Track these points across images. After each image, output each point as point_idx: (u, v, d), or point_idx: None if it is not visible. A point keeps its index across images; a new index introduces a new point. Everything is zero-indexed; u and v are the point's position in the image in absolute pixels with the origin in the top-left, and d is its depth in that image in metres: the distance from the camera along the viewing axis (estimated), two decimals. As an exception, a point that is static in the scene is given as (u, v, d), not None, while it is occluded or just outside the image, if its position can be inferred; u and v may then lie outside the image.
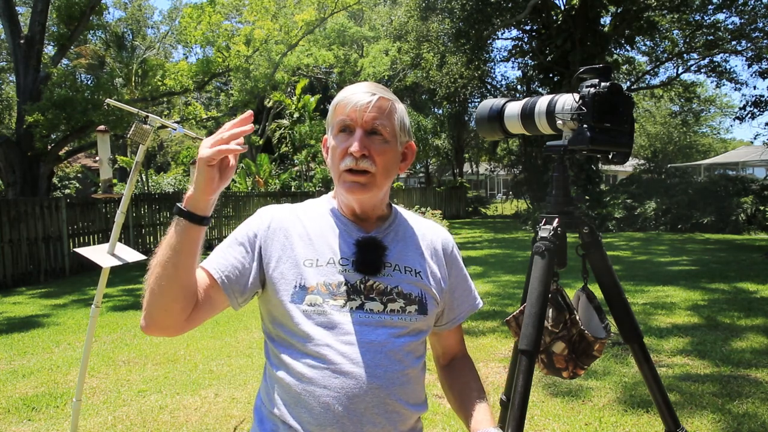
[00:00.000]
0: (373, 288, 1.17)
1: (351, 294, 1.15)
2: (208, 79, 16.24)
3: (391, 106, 1.19)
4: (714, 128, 40.78)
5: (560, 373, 1.54)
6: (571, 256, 1.51)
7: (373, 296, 1.17)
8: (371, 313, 1.15)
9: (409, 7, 21.96)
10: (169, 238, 1.04)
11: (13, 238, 9.27)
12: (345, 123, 1.16)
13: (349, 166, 1.15)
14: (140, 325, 1.09)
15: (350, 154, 1.14)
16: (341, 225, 1.23)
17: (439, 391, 3.82)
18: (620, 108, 1.40)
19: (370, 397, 1.11)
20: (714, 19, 18.93)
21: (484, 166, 33.41)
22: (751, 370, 3.98)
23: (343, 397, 1.10)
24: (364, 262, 1.18)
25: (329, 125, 1.22)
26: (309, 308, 1.14)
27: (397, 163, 1.22)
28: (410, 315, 1.18)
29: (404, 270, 1.21)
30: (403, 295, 1.18)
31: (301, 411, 1.12)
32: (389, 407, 1.13)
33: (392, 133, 1.18)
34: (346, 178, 1.16)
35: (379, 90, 1.18)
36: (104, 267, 2.56)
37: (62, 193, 21.88)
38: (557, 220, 1.48)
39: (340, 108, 1.17)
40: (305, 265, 1.17)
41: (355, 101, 1.14)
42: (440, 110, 24.98)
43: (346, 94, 1.17)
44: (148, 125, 2.47)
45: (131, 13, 34.82)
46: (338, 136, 1.17)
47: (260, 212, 1.26)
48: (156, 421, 3.47)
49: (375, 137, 1.16)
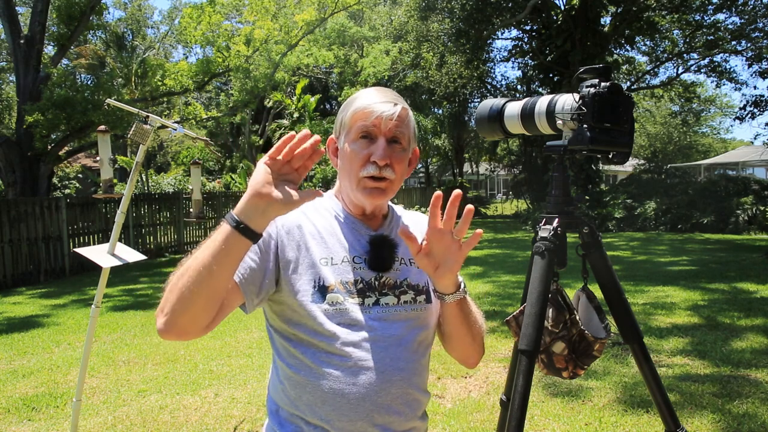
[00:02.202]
0: (385, 284, 1.21)
1: (367, 291, 1.19)
2: (208, 79, 16.24)
3: (409, 115, 1.23)
4: (714, 128, 40.82)
5: (560, 373, 1.54)
6: (571, 256, 1.51)
7: (386, 291, 1.20)
8: (387, 307, 1.19)
9: (409, 7, 21.97)
10: (214, 247, 0.99)
11: (13, 238, 9.28)
12: (368, 130, 1.18)
13: (372, 174, 1.17)
14: (158, 328, 1.04)
15: (373, 162, 1.17)
16: (351, 223, 1.26)
17: (438, 391, 3.82)
18: (620, 108, 1.40)
19: (396, 389, 1.16)
20: (714, 19, 18.94)
21: (484, 166, 33.42)
22: (751, 370, 3.98)
23: (371, 392, 1.14)
24: (378, 259, 1.21)
25: (344, 128, 1.22)
26: (330, 307, 1.15)
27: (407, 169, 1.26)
28: (420, 304, 1.23)
29: (409, 262, 1.25)
30: (412, 287, 1.23)
31: (328, 409, 1.13)
32: (410, 396, 1.19)
33: (408, 141, 1.22)
34: (368, 184, 1.18)
35: (398, 99, 1.22)
36: (104, 267, 2.56)
37: (62, 193, 21.88)
38: (557, 220, 1.48)
39: (362, 114, 1.18)
40: (322, 264, 1.18)
41: (380, 110, 1.17)
42: (440, 110, 24.98)
43: (369, 101, 1.19)
44: (148, 125, 2.48)
45: (131, 13, 34.80)
46: (358, 141, 1.19)
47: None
48: (156, 421, 3.47)
49: (395, 146, 1.19)
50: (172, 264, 11.50)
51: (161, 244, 12.97)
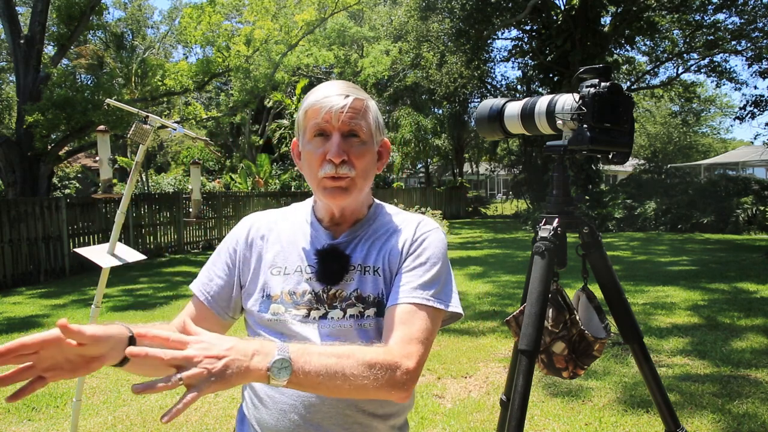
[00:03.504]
0: (336, 296, 1.14)
1: (315, 303, 1.14)
2: (208, 79, 16.24)
3: (366, 105, 1.14)
4: (714, 128, 40.82)
5: (560, 373, 1.54)
6: (571, 256, 1.51)
7: (335, 304, 1.14)
8: (332, 321, 1.12)
9: (409, 7, 21.98)
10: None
11: (13, 238, 9.27)
12: (320, 127, 1.11)
13: (329, 173, 1.10)
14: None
15: (329, 160, 1.10)
16: (313, 231, 1.22)
17: (438, 391, 3.82)
18: (620, 108, 1.40)
19: (327, 408, 1.09)
20: (714, 19, 18.95)
21: (484, 166, 33.39)
22: (751, 370, 3.98)
23: (299, 405, 1.10)
24: (324, 272, 1.15)
25: (300, 129, 1.17)
26: (273, 317, 1.14)
27: (375, 163, 1.19)
28: (368, 319, 1.13)
29: (365, 270, 1.16)
30: (361, 299, 1.14)
31: (263, 414, 1.14)
32: (350, 419, 1.11)
33: (369, 133, 1.14)
34: (327, 185, 1.12)
35: (352, 90, 1.14)
36: (104, 267, 2.56)
37: (62, 193, 21.88)
38: (557, 220, 1.48)
39: (313, 111, 1.12)
40: (272, 273, 1.18)
41: (329, 104, 1.09)
42: (440, 110, 24.98)
43: (318, 96, 1.12)
44: (148, 125, 2.48)
45: (131, 13, 34.79)
46: (313, 141, 1.13)
47: (243, 222, 1.28)
48: (156, 421, 3.47)
49: (352, 139, 1.12)
50: (171, 264, 11.54)
51: (161, 244, 12.98)
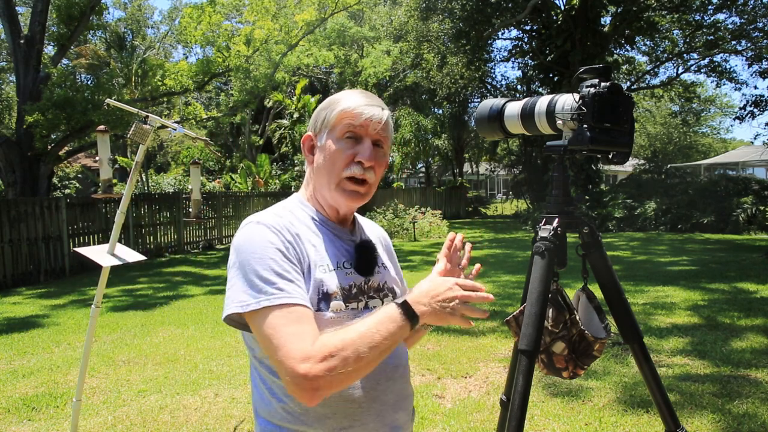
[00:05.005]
0: (371, 287, 1.23)
1: (359, 295, 1.20)
2: (208, 79, 16.24)
3: (391, 122, 1.24)
4: (714, 128, 40.84)
5: (560, 373, 1.54)
6: (571, 256, 1.51)
7: (372, 294, 1.22)
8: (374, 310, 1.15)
9: (409, 7, 21.97)
10: (395, 338, 1.06)
11: (13, 238, 9.28)
12: (355, 130, 1.17)
13: (355, 174, 1.17)
14: (308, 376, 0.99)
15: (359, 162, 1.17)
16: (332, 229, 1.24)
17: (438, 391, 3.82)
18: (620, 108, 1.40)
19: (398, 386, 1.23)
20: (714, 19, 18.96)
21: (484, 166, 33.41)
22: (751, 370, 3.98)
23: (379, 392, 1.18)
24: (364, 264, 1.23)
25: (327, 126, 1.19)
26: (334, 315, 1.13)
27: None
28: None
29: (383, 266, 1.30)
30: (390, 290, 1.28)
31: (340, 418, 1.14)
32: (406, 391, 1.27)
33: (389, 146, 1.25)
34: (348, 186, 1.18)
35: (384, 105, 1.24)
36: (104, 267, 2.56)
37: (62, 193, 21.89)
38: (557, 220, 1.48)
39: (349, 114, 1.17)
40: (321, 271, 1.15)
41: (370, 113, 1.17)
42: (440, 110, 24.98)
43: (358, 102, 1.18)
44: (148, 125, 2.48)
45: (131, 13, 34.79)
46: (343, 140, 1.18)
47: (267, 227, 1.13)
48: (156, 421, 3.47)
49: (379, 150, 1.20)
50: (171, 264, 11.54)
51: (161, 244, 12.98)
